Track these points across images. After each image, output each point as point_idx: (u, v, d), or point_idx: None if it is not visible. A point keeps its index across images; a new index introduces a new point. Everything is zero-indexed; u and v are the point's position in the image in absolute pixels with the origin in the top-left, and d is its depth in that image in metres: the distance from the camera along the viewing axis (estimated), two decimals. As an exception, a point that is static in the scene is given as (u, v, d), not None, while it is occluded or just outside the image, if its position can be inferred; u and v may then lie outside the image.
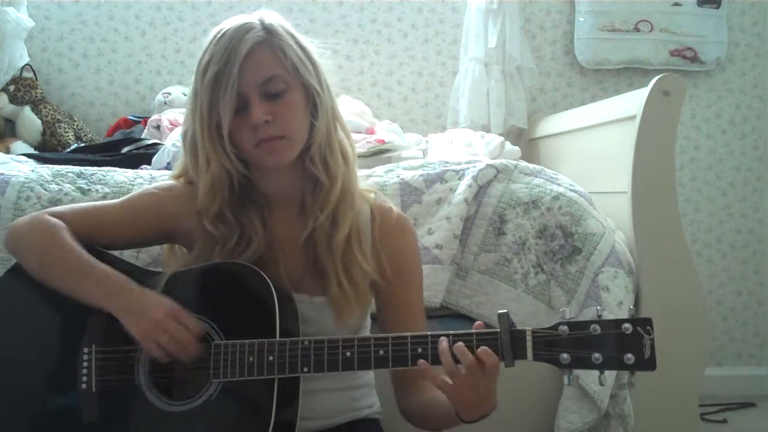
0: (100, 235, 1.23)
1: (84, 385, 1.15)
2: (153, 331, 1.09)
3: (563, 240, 1.60)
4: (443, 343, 1.04)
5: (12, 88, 2.53)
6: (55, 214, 1.21)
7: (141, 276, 1.20)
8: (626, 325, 1.00)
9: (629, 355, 0.99)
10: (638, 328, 0.99)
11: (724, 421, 2.51)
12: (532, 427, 1.61)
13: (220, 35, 1.16)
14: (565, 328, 1.02)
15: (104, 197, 1.55)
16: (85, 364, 1.16)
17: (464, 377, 1.03)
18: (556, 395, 1.58)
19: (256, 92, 1.15)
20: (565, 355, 1.01)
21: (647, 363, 0.99)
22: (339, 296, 1.19)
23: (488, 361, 1.02)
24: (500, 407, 1.56)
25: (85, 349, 1.16)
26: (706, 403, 2.48)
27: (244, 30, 1.15)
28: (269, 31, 1.17)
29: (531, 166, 1.74)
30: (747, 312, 2.94)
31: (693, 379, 1.66)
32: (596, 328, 1.01)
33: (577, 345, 1.01)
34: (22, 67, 2.56)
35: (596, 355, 1.00)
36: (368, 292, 1.24)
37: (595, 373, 1.50)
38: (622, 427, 1.54)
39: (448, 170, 1.69)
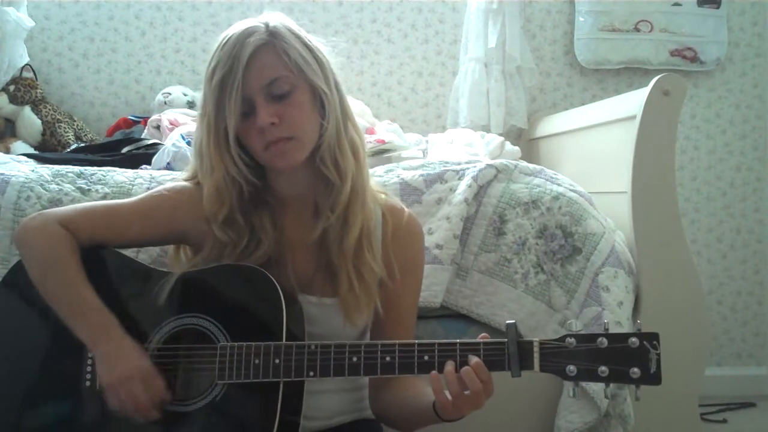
0: (112, 237, 1.24)
1: (88, 383, 1.15)
2: (119, 384, 1.09)
3: (563, 240, 1.60)
4: (449, 366, 1.05)
5: (12, 88, 2.53)
6: (67, 220, 1.21)
7: (151, 276, 1.20)
8: (633, 339, 1.00)
9: (635, 369, 1.00)
10: (645, 342, 1.00)
11: (724, 421, 2.51)
12: (532, 427, 1.61)
13: (225, 41, 1.17)
14: (572, 340, 1.02)
15: (104, 197, 1.55)
16: (89, 362, 1.16)
17: (467, 397, 1.04)
18: (556, 395, 1.58)
19: (262, 95, 1.15)
20: (571, 367, 1.02)
21: (653, 377, 1.00)
22: (349, 297, 1.19)
23: (489, 386, 1.04)
24: (501, 407, 1.57)
25: None
26: (706, 403, 2.49)
27: (247, 34, 1.16)
28: (272, 34, 1.17)
29: (531, 166, 1.74)
30: (747, 312, 2.94)
31: (693, 379, 1.66)
32: (603, 341, 1.01)
33: (584, 357, 1.02)
34: (22, 67, 2.56)
35: (602, 368, 1.01)
36: (377, 292, 1.23)
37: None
38: (622, 427, 1.54)
39: (448, 170, 1.69)
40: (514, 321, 1.05)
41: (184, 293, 1.17)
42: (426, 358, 1.06)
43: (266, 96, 1.15)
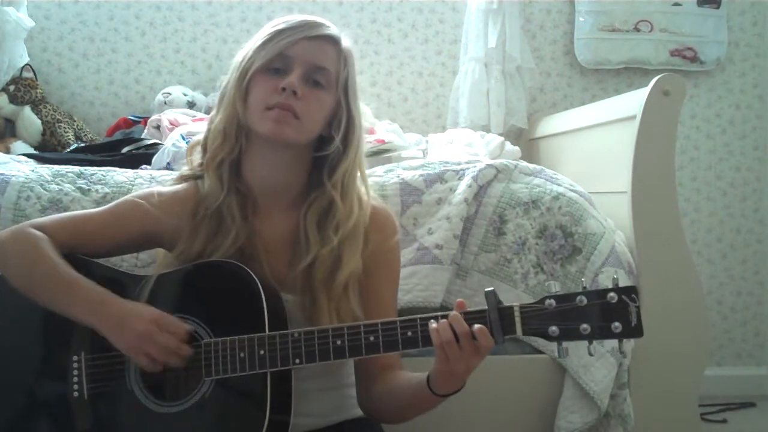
0: (83, 245, 1.23)
1: (76, 394, 1.15)
2: (138, 342, 1.08)
3: (563, 240, 1.60)
4: (438, 319, 1.04)
5: (12, 88, 2.53)
6: (37, 226, 1.20)
7: (127, 281, 1.19)
8: (611, 294, 1.01)
9: (616, 324, 1.00)
10: (623, 296, 1.00)
11: (724, 421, 2.51)
12: (532, 427, 1.61)
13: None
14: (551, 301, 1.03)
15: (104, 197, 1.55)
16: (75, 372, 1.15)
17: (457, 351, 1.02)
18: (556, 395, 1.58)
19: (303, 68, 1.18)
20: (553, 328, 1.02)
21: (634, 330, 1.00)
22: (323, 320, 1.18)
23: (482, 341, 1.02)
24: (501, 407, 1.57)
25: (74, 357, 1.16)
26: (706, 403, 2.48)
27: (327, 23, 1.24)
28: (346, 44, 1.25)
29: (531, 166, 1.74)
30: (747, 312, 2.94)
31: (693, 379, 1.66)
32: (582, 300, 1.01)
33: (565, 317, 1.02)
34: (22, 67, 2.56)
35: (584, 325, 1.01)
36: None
37: (595, 372, 1.51)
38: (622, 427, 1.54)
39: (448, 170, 1.69)
40: (492, 288, 1.05)
41: (165, 294, 1.16)
42: (410, 333, 1.06)
43: (305, 73, 1.18)
